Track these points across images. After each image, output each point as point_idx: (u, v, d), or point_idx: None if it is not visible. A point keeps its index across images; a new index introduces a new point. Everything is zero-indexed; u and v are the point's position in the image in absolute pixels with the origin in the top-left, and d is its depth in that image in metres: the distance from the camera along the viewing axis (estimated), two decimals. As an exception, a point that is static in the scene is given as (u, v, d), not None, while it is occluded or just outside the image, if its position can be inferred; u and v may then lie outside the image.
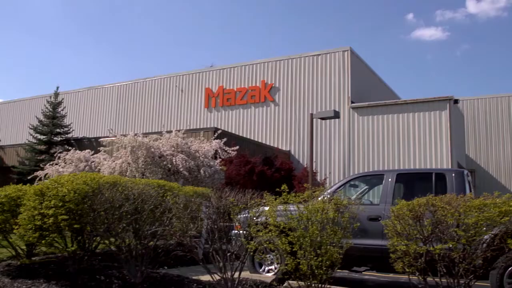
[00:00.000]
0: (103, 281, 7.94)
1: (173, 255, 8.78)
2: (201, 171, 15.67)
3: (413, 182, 9.95)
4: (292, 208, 6.78)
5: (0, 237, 9.13)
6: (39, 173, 19.24)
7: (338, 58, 32.06)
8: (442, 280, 6.26)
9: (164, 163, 15.44)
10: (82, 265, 8.52)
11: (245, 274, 8.03)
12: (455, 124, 28.56)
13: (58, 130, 37.65)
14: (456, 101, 28.24)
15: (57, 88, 38.91)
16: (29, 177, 20.63)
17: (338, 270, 7.01)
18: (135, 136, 16.00)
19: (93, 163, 18.23)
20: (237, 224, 7.50)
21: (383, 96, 34.64)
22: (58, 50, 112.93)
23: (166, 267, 9.23)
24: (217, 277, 7.16)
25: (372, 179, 10.80)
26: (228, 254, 7.13)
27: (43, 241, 8.09)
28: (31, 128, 38.16)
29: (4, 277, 8.31)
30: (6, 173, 34.74)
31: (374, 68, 39.22)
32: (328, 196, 7.66)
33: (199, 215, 7.95)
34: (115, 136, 16.86)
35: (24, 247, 9.53)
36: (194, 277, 8.32)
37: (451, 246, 6.16)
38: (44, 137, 37.50)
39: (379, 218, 8.37)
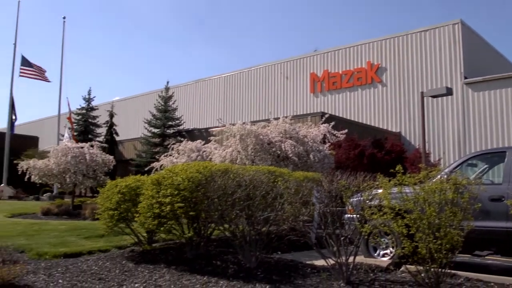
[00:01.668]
0: (219, 266, 8.13)
1: (286, 240, 8.78)
2: (311, 156, 15.56)
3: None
4: (407, 190, 6.50)
5: (123, 225, 9.65)
6: (155, 164, 20.16)
7: (447, 32, 30.47)
8: None
9: (273, 149, 15.51)
10: (199, 251, 8.80)
11: (359, 258, 7.85)
12: None
13: (170, 123, 39.31)
14: None
15: (167, 82, 40.63)
16: (146, 169, 21.71)
17: (458, 255, 6.66)
18: (244, 125, 16.20)
19: (204, 153, 18.78)
20: (349, 207, 7.34)
21: (501, 69, 32.45)
22: (167, 47, 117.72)
23: (279, 252, 9.26)
24: (331, 261, 7.07)
25: (493, 157, 10.10)
26: (342, 238, 7.01)
27: (161, 228, 8.45)
28: (145, 122, 40.16)
29: (128, 262, 8.79)
30: (126, 166, 36.90)
31: (490, 40, 36.79)
32: (445, 176, 7.27)
33: (311, 200, 7.88)
34: (224, 126, 17.18)
35: (145, 234, 10.02)
36: (307, 262, 8.28)
37: None
38: (157, 130, 39.33)
39: (503, 199, 7.82)
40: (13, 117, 37.07)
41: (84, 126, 44.85)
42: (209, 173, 8.23)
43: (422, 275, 6.20)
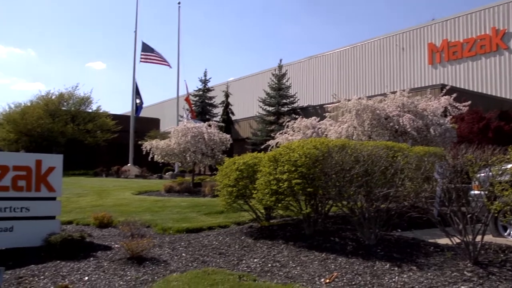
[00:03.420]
0: (337, 243, 8.03)
1: (407, 217, 8.47)
2: (431, 130, 14.86)
3: None
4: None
5: (242, 202, 9.84)
6: (271, 142, 20.34)
7: None
8: None
9: (391, 124, 15.01)
10: (317, 228, 8.75)
11: (488, 238, 7.39)
12: None
13: (284, 100, 39.57)
14: None
15: (281, 61, 40.80)
16: (261, 147, 22.02)
17: None
18: (359, 100, 15.83)
19: (319, 129, 18.63)
20: (475, 183, 6.88)
21: None
22: (280, 24, 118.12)
23: (399, 230, 8.96)
24: (456, 240, 6.71)
25: None
26: (468, 216, 6.60)
27: (279, 205, 8.50)
28: (260, 101, 40.74)
29: (247, 237, 8.96)
30: (242, 144, 37.77)
31: None
32: None
33: (433, 175, 7.51)
34: (339, 101, 16.90)
35: (262, 211, 10.14)
36: (430, 240, 7.94)
37: None
38: (272, 108, 39.78)
39: None
40: (138, 101, 39.14)
41: (201, 107, 46.48)
42: (326, 149, 8.12)
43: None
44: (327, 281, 6.23)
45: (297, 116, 24.77)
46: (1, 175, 8.39)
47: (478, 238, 6.47)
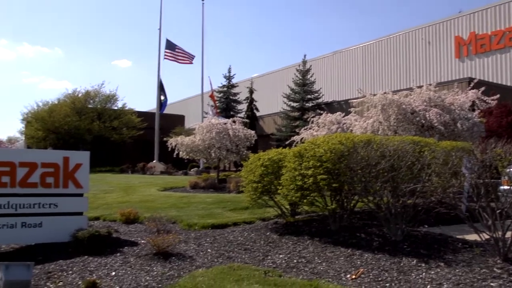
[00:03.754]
0: (363, 239, 7.98)
1: (434, 213, 8.35)
2: (458, 124, 14.63)
3: None
4: None
5: (267, 197, 9.83)
6: (295, 138, 20.27)
7: None
8: None
9: (417, 119, 14.82)
10: (342, 223, 8.69)
11: (519, 234, 7.24)
12: None
13: (309, 96, 39.44)
14: None
15: (305, 56, 40.69)
16: (286, 143, 21.95)
17: None
18: (385, 94, 15.66)
19: (344, 125, 18.51)
20: (505, 178, 6.76)
21: None
22: (303, 20, 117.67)
23: (426, 226, 8.84)
24: (485, 236, 6.60)
25: None
26: (497, 211, 6.48)
27: (304, 200, 8.46)
28: (284, 97, 40.68)
29: (272, 233, 8.95)
30: (266, 140, 37.78)
31: None
32: None
33: (460, 170, 7.39)
34: (364, 96, 16.75)
35: (287, 207, 10.12)
36: (458, 236, 7.83)
37: None
38: (296, 104, 39.68)
39: None
40: (162, 98, 39.39)
41: (225, 103, 46.60)
42: (351, 144, 8.06)
43: None
44: (353, 277, 6.19)
45: (321, 112, 24.63)
46: (29, 172, 8.54)
47: (508, 234, 6.37)
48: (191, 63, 39.66)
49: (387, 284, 5.86)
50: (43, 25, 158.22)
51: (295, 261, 7.17)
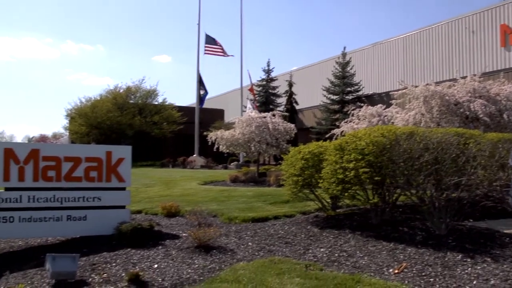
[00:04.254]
0: (406, 233, 7.85)
1: (479, 207, 8.13)
2: (504, 115, 14.18)
3: None
4: None
5: (307, 191, 9.78)
6: (335, 131, 20.08)
7: None
8: None
9: (461, 110, 14.45)
10: (384, 217, 8.57)
11: None
12: None
13: (348, 89, 39.05)
14: None
15: (344, 48, 40.31)
16: (326, 136, 21.79)
17: None
18: (427, 86, 15.33)
19: (385, 117, 18.23)
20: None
21: None
22: (342, 12, 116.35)
23: (471, 220, 8.62)
24: (535, 230, 6.39)
25: None
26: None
27: (345, 194, 8.38)
28: (324, 90, 40.37)
29: (313, 227, 8.89)
30: (306, 134, 37.63)
31: None
32: None
33: (508, 163, 7.16)
34: (406, 88, 16.44)
35: (328, 200, 10.05)
36: (505, 231, 7.62)
37: None
38: (336, 97, 39.34)
39: None
40: (202, 92, 39.66)
41: (264, 97, 46.57)
42: (393, 137, 7.92)
43: None
44: (396, 271, 6.08)
45: (362, 104, 24.31)
46: (74, 166, 8.72)
47: (559, 228, 6.14)
48: (228, 55, 39.80)
49: (431, 279, 5.74)
50: (86, 23, 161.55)
51: (336, 255, 7.11)
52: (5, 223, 8.18)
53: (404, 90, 16.82)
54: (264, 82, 47.53)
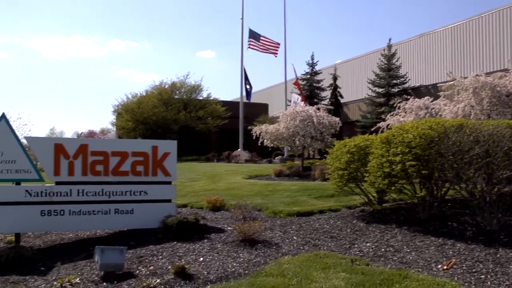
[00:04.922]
0: (455, 228, 7.65)
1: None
2: (559, 107, 13.68)
3: None
4: None
5: (353, 185, 9.66)
6: (381, 124, 19.77)
7: None
8: None
9: (513, 102, 14.00)
10: (432, 212, 8.37)
11: None
12: None
13: (394, 81, 38.38)
14: None
15: (390, 40, 39.62)
16: (372, 129, 21.46)
17: None
18: (477, 77, 14.90)
19: (433, 110, 17.81)
20: None
21: None
22: (388, 2, 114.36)
23: (525, 215, 8.34)
24: None
25: None
26: None
27: (392, 188, 8.22)
28: (369, 83, 39.84)
29: (359, 221, 8.78)
30: (351, 127, 37.24)
31: None
32: None
33: None
34: (454, 79, 16.03)
35: (374, 194, 9.90)
36: (562, 227, 7.31)
37: None
38: (382, 89, 38.75)
39: None
40: (247, 87, 39.75)
41: (309, 90, 46.31)
42: (442, 129, 7.72)
43: None
44: (445, 267, 5.93)
45: (408, 97, 23.82)
46: (121, 160, 8.89)
47: None
48: (275, 53, 39.65)
49: (483, 276, 5.56)
50: (131, 20, 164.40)
51: (382, 249, 6.99)
52: (56, 216, 8.43)
53: (452, 82, 16.41)
54: (308, 76, 47.26)
